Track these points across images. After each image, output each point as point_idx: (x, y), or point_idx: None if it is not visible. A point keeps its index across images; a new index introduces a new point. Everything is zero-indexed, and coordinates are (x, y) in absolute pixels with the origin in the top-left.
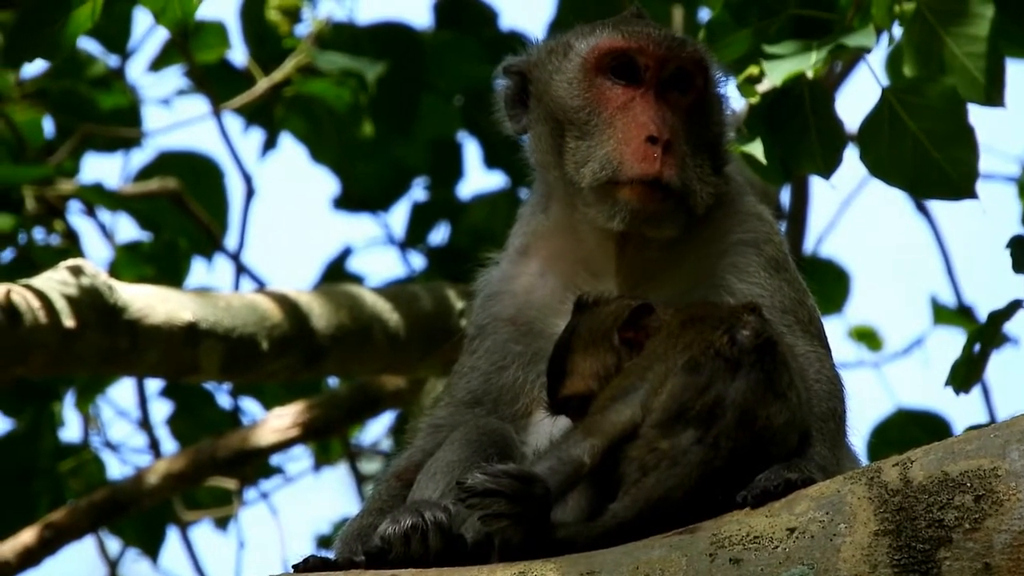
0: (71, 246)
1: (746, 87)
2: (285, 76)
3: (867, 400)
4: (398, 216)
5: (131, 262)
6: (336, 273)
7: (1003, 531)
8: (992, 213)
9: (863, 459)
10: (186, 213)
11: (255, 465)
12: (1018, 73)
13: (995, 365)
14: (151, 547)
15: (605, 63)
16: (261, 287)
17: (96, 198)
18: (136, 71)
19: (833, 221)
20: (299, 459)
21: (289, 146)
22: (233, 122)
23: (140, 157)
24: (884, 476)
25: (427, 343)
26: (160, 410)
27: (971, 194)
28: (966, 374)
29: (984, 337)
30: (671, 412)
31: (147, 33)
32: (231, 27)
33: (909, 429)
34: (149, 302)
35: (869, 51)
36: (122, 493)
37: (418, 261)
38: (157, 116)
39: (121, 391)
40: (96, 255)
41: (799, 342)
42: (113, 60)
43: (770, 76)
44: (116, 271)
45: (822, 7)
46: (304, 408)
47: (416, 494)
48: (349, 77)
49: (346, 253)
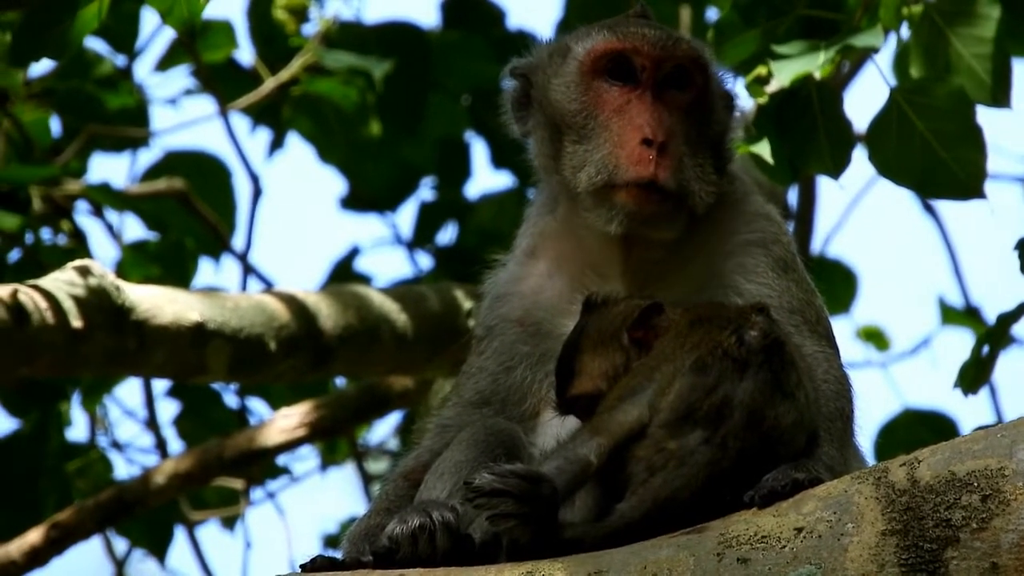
0: (78, 246)
1: (754, 87)
2: (292, 75)
3: (874, 400)
4: (405, 216)
5: (138, 262)
6: (343, 273)
7: (1010, 531)
8: (999, 213)
9: (870, 459)
10: (193, 213)
11: (262, 465)
12: None
13: (1002, 366)
14: (158, 547)
15: (601, 65)
16: (268, 287)
17: (103, 198)
18: (143, 71)
19: (841, 221)
20: (306, 459)
21: (296, 146)
22: (240, 122)
23: (147, 157)
24: (891, 476)
25: (435, 343)
26: (167, 410)
27: (979, 194)
28: (974, 375)
29: (992, 338)
30: (679, 412)
31: (154, 33)
32: (238, 26)
33: (916, 429)
34: (156, 302)
35: (877, 51)
36: (129, 493)
37: (426, 261)
38: (164, 116)
39: (128, 391)
40: (103, 255)
41: (807, 342)
42: (120, 60)
43: (778, 76)
44: (123, 271)
45: (830, 8)
46: (311, 408)
47: (424, 494)
48: (356, 76)
49: (353, 253)
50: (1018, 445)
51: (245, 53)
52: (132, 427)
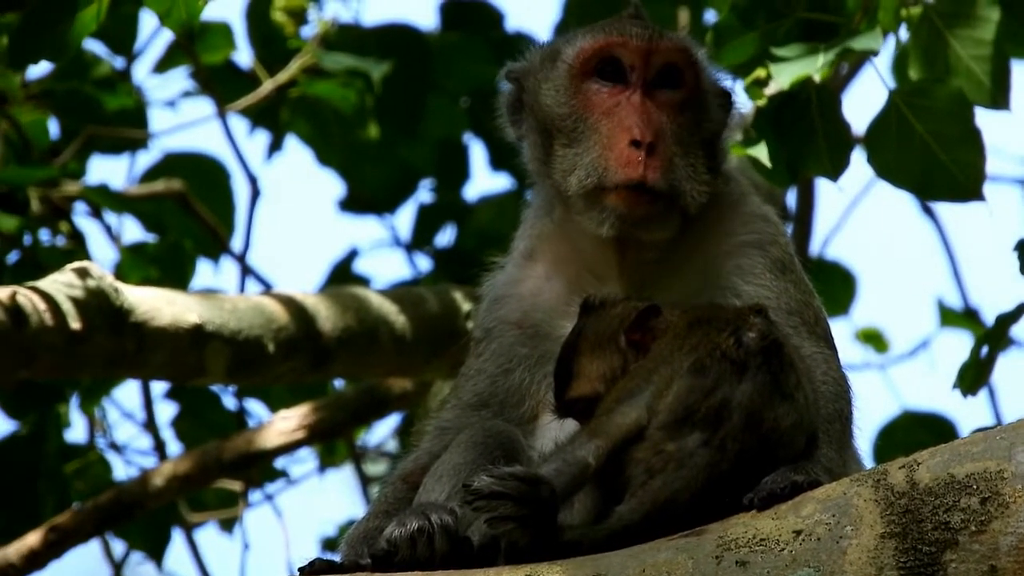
0: (76, 247)
1: (753, 90)
2: (291, 77)
3: (873, 402)
4: (404, 218)
5: (137, 263)
6: (342, 275)
7: (1009, 533)
8: (998, 215)
9: (869, 461)
10: (192, 215)
11: (261, 467)
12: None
13: (1001, 367)
14: (156, 549)
15: (591, 66)
16: (267, 289)
17: (101, 199)
18: (141, 72)
19: (840, 223)
20: (304, 461)
21: (295, 148)
22: (239, 123)
23: (146, 159)
24: (890, 478)
25: (434, 345)
26: (165, 412)
27: (978, 196)
28: (974, 377)
29: (992, 340)
30: (677, 414)
31: (153, 34)
32: (236, 28)
33: (915, 431)
34: (155, 304)
35: (876, 54)
36: (127, 495)
37: (424, 263)
38: (163, 118)
39: (126, 393)
40: (101, 256)
41: (805, 343)
42: (119, 61)
43: (777, 79)
44: (121, 272)
45: (829, 10)
46: (310, 410)
47: (422, 496)
48: (355, 78)
49: (352, 255)
50: (1017, 447)
51: (243, 55)
52: (131, 429)
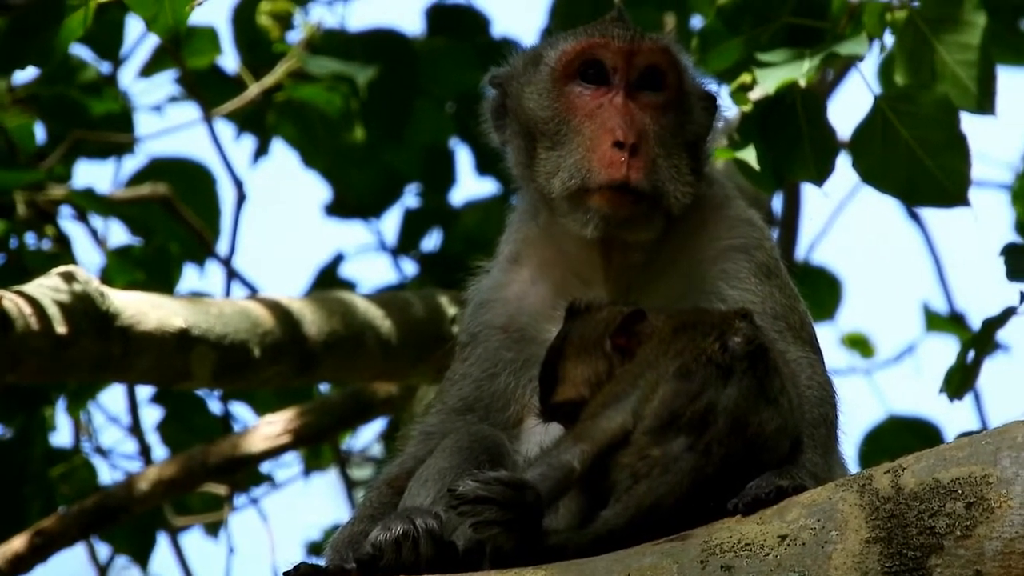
0: (62, 251)
1: (739, 95)
2: (276, 81)
3: (859, 407)
4: (390, 222)
5: (122, 268)
6: (328, 280)
7: (994, 538)
8: (984, 220)
9: (854, 466)
10: (177, 219)
11: (246, 471)
12: (1009, 81)
13: (987, 372)
14: (141, 553)
15: (573, 68)
16: (253, 293)
17: (87, 203)
18: (128, 77)
19: (825, 228)
20: (290, 465)
21: (281, 152)
22: (224, 128)
23: (132, 163)
24: (875, 483)
25: (419, 350)
26: (151, 416)
27: (963, 201)
28: (960, 381)
29: (978, 345)
30: (663, 419)
31: (139, 39)
32: (222, 33)
33: (901, 436)
34: (141, 308)
35: (861, 59)
36: (113, 499)
37: (410, 268)
38: (149, 122)
39: (112, 397)
40: (87, 260)
41: (790, 348)
42: (105, 66)
43: (763, 84)
44: (107, 277)
45: (814, 15)
46: (295, 415)
47: (407, 501)
48: (341, 83)
49: (338, 259)
50: (1002, 452)
51: (229, 59)
52: (116, 433)
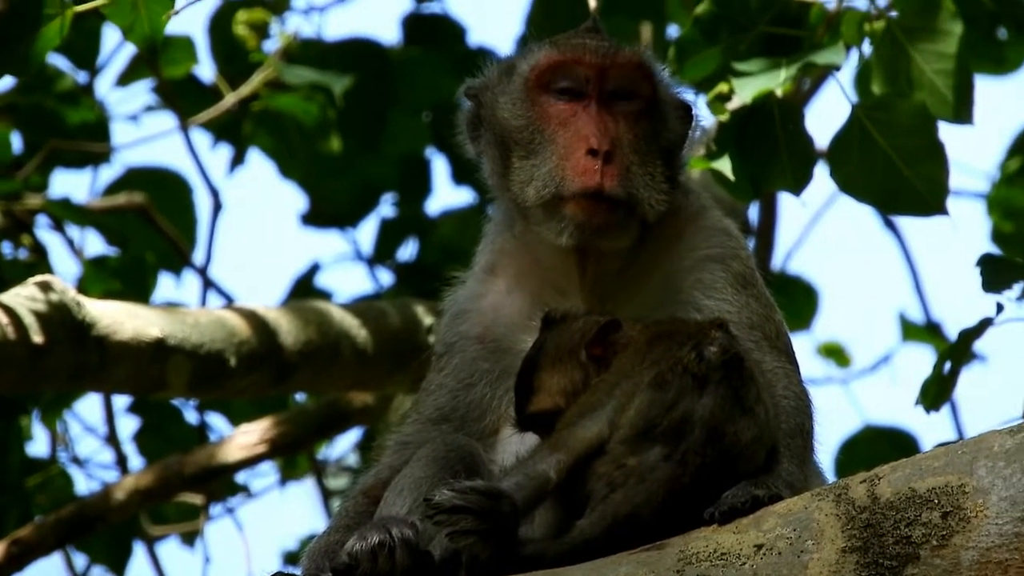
0: (39, 261)
1: (716, 104)
2: (253, 91)
3: (835, 416)
4: (366, 232)
5: (99, 277)
6: (304, 289)
7: (970, 548)
8: (961, 230)
9: (831, 475)
10: (154, 228)
11: (222, 481)
12: (986, 90)
13: (963, 381)
14: (118, 563)
15: (546, 80)
16: (229, 303)
17: (64, 213)
18: (104, 86)
19: (802, 237)
20: (266, 475)
21: (257, 161)
22: (201, 137)
23: (108, 172)
24: (851, 493)
25: (395, 359)
26: (127, 426)
27: (941, 210)
28: (937, 393)
29: (954, 356)
30: (639, 429)
31: (115, 49)
32: (199, 42)
33: (877, 445)
34: (117, 318)
35: (839, 68)
36: (89, 509)
37: (386, 277)
38: (125, 131)
39: (88, 407)
40: (64, 270)
41: (766, 358)
42: (81, 76)
43: (740, 93)
44: (84, 286)
45: (792, 24)
46: (271, 424)
47: (383, 511)
48: (317, 92)
49: (314, 269)
50: (979, 462)
51: (206, 69)
52: (92, 443)
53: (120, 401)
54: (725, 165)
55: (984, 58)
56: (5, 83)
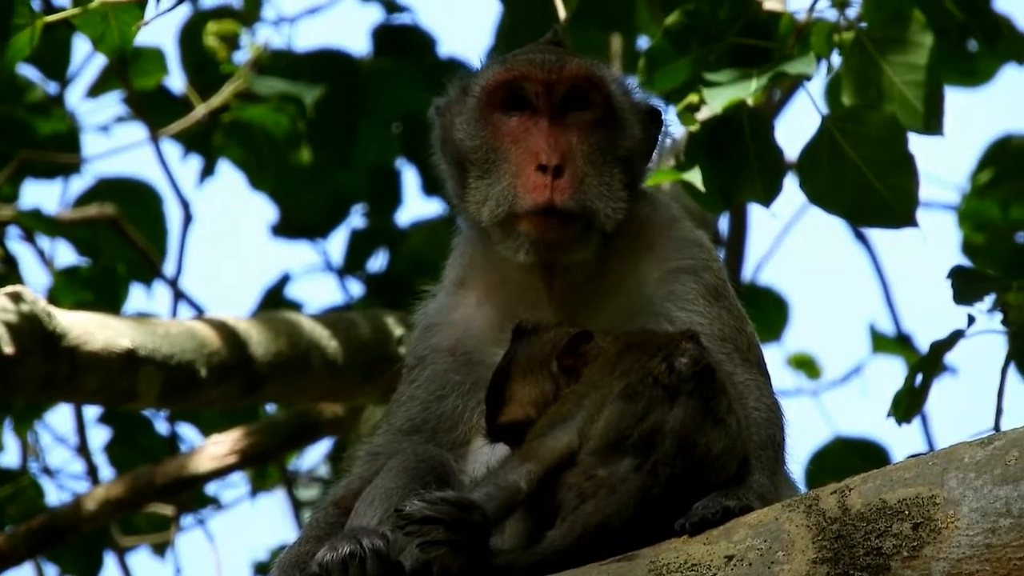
0: (9, 271)
1: (686, 115)
2: (223, 102)
3: (806, 428)
4: (336, 243)
5: (69, 288)
6: (275, 300)
7: (941, 559)
8: (931, 241)
9: (802, 487)
10: (124, 239)
11: (193, 492)
12: (957, 101)
13: (934, 393)
14: (88, 573)
15: (496, 98)
16: (200, 314)
17: (34, 224)
18: (75, 97)
19: (772, 249)
20: (236, 486)
21: (227, 172)
22: (171, 148)
23: (79, 183)
24: (822, 504)
25: (366, 370)
26: (98, 436)
27: (911, 222)
28: (908, 405)
29: (926, 368)
30: (609, 439)
31: (86, 59)
32: (169, 53)
33: (847, 457)
34: (88, 329)
35: (809, 79)
36: (60, 519)
37: (357, 288)
38: (96, 142)
39: (59, 417)
40: (34, 281)
41: (738, 370)
42: (52, 86)
43: (710, 104)
44: (54, 297)
45: (762, 35)
46: (242, 435)
47: (354, 521)
48: (287, 103)
49: (284, 280)
50: (949, 473)
51: (176, 80)
52: (63, 453)
53: (91, 412)
54: (695, 176)
55: (954, 70)
56: None
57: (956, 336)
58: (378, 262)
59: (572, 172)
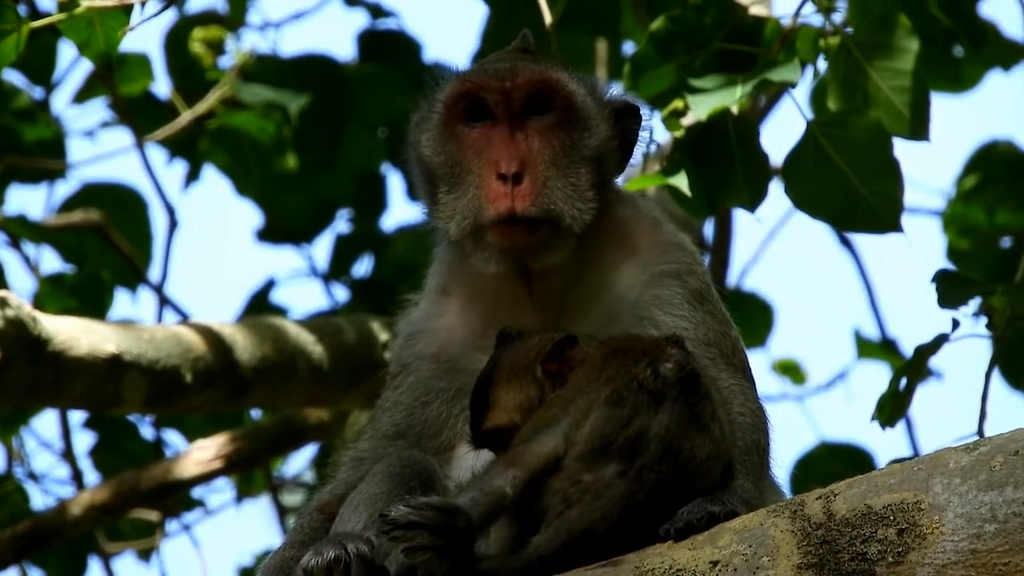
0: None
1: (671, 121)
2: (209, 108)
3: (790, 433)
4: (322, 248)
5: (55, 294)
6: (260, 305)
7: (926, 564)
8: (916, 247)
9: (786, 492)
10: (110, 245)
11: (178, 497)
12: (943, 107)
13: (919, 398)
14: None
15: (456, 111)
16: (184, 319)
17: (20, 230)
18: (60, 103)
19: (757, 254)
20: (221, 491)
21: (212, 178)
22: (157, 154)
23: (64, 189)
24: (807, 509)
25: (351, 375)
26: (83, 441)
27: (896, 227)
28: (892, 409)
29: (910, 372)
30: (594, 445)
31: (71, 65)
32: (155, 59)
33: (832, 462)
34: (73, 334)
35: (794, 85)
36: (45, 524)
37: (342, 293)
38: (81, 148)
39: (44, 422)
40: (20, 286)
41: (723, 375)
42: (37, 92)
43: (695, 110)
44: (40, 303)
45: (747, 41)
46: (227, 440)
47: (339, 527)
48: (273, 109)
49: (270, 285)
50: (935, 479)
51: (162, 86)
52: (48, 458)
53: (76, 417)
54: (680, 181)
55: (940, 75)
56: None
57: (940, 340)
58: (363, 267)
59: (532, 178)
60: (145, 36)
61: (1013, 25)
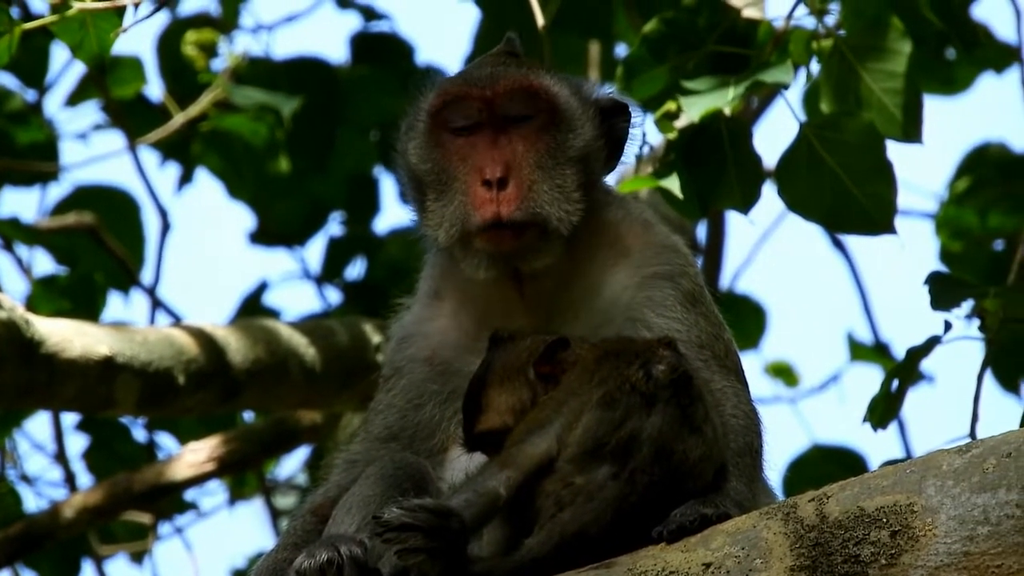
0: None
1: (664, 123)
2: (201, 111)
3: (783, 435)
4: (314, 251)
5: (48, 296)
6: (252, 307)
7: (919, 567)
8: (909, 249)
9: (779, 494)
10: (102, 247)
11: (170, 499)
12: (935, 109)
13: (911, 400)
14: None
15: (440, 120)
16: (177, 321)
17: (13, 232)
18: (53, 105)
19: (750, 256)
20: (214, 493)
21: (205, 181)
22: (149, 157)
23: (57, 191)
24: (800, 511)
25: (344, 378)
26: (76, 444)
27: (889, 229)
28: (884, 410)
29: (902, 374)
30: (587, 447)
31: (64, 68)
32: (147, 62)
33: (825, 465)
34: (66, 336)
35: (787, 87)
36: (38, 526)
37: (334, 296)
38: (74, 151)
39: (37, 425)
40: (13, 289)
41: (715, 377)
42: (30, 94)
43: (688, 112)
44: (33, 305)
45: (740, 43)
46: (220, 442)
47: (332, 529)
48: (266, 112)
49: (262, 287)
50: (927, 481)
51: (154, 88)
52: (41, 460)
53: (69, 419)
54: (673, 183)
55: (933, 78)
56: None
57: (933, 342)
58: (356, 270)
59: (517, 182)
60: (138, 38)
61: (1005, 27)
